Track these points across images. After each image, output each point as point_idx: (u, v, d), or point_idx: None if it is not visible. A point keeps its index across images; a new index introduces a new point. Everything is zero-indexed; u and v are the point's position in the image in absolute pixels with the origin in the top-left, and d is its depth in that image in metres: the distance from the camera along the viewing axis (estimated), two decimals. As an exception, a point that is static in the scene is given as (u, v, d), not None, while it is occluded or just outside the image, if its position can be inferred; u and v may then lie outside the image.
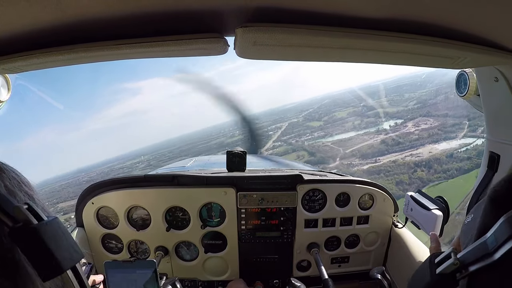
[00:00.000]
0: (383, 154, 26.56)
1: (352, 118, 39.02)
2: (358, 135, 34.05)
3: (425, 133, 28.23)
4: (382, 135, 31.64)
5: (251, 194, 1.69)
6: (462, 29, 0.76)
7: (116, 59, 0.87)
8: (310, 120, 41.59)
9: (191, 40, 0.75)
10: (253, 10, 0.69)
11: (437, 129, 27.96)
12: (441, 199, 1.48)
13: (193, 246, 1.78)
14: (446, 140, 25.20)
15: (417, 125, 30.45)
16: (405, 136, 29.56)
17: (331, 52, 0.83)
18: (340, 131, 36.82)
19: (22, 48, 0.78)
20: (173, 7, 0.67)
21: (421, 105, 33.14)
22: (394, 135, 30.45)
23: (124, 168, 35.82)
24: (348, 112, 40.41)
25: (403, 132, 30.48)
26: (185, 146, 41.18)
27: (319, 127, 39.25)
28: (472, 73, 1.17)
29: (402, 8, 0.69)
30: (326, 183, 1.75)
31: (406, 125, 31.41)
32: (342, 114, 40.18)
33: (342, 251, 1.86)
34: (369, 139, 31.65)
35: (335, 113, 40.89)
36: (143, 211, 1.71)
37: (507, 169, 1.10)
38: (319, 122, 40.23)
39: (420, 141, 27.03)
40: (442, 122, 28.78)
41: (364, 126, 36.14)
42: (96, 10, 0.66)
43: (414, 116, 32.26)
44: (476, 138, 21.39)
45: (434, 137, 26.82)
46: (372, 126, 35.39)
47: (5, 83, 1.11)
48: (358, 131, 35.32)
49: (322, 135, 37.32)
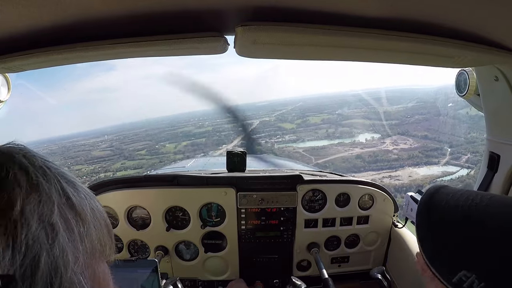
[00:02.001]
0: (359, 171, 24.64)
1: (326, 125, 37.33)
2: (331, 144, 32.17)
3: (405, 154, 26.39)
4: (358, 149, 29.57)
5: (251, 194, 1.69)
6: (462, 28, 0.76)
7: (115, 58, 0.87)
8: (282, 121, 39.95)
9: (191, 39, 0.75)
10: (253, 9, 0.69)
11: (418, 151, 26.10)
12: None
13: (193, 245, 1.78)
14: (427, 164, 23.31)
15: (395, 143, 28.62)
16: (383, 154, 27.67)
17: (331, 51, 0.83)
18: (312, 137, 35.16)
19: (22, 47, 0.78)
20: (173, 6, 0.67)
21: (399, 121, 31.62)
22: (370, 150, 28.49)
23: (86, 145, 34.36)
24: (322, 119, 38.74)
25: (381, 149, 28.55)
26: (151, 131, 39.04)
27: (291, 129, 37.57)
28: (472, 72, 1.17)
29: (402, 7, 0.69)
30: (326, 183, 1.75)
31: (383, 142, 29.58)
32: (316, 120, 38.59)
33: (342, 251, 1.86)
34: (344, 151, 29.61)
35: (309, 118, 39.26)
36: (143, 210, 1.71)
37: (507, 169, 1.09)
38: (291, 124, 38.70)
39: (400, 162, 25.06)
40: (423, 144, 27.21)
41: (338, 135, 34.30)
42: (96, 9, 0.66)
43: (392, 133, 30.57)
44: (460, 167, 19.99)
45: (415, 160, 24.90)
46: (346, 137, 33.49)
47: (5, 82, 1.11)
48: (331, 140, 33.47)
49: (294, 139, 35.50)
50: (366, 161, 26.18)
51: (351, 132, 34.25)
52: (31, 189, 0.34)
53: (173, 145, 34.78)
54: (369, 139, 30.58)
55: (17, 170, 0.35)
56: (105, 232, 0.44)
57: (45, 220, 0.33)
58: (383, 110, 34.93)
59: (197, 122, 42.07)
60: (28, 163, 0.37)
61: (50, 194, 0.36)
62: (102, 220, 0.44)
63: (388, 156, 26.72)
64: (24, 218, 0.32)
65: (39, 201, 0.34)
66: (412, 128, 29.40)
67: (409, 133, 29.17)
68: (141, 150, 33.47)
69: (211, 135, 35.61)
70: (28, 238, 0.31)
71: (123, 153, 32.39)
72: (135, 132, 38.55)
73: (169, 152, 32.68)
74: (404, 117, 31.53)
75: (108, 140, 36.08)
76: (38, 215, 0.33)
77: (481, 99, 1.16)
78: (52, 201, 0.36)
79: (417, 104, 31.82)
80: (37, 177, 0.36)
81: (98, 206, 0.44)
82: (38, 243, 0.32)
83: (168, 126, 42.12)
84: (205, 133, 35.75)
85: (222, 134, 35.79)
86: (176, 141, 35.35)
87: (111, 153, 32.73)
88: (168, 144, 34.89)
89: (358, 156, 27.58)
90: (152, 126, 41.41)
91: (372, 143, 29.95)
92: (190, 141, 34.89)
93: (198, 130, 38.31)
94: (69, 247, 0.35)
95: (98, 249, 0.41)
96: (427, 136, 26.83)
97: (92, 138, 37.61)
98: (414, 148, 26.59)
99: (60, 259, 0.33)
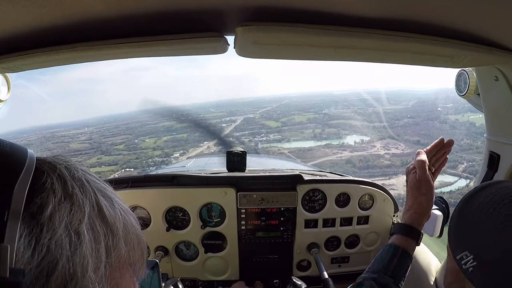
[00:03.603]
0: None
1: (312, 125, 35.68)
2: (318, 146, 30.32)
3: (398, 160, 24.48)
4: (347, 152, 27.80)
5: (251, 194, 1.69)
6: (462, 28, 0.76)
7: (115, 58, 0.87)
8: (267, 118, 38.42)
9: (191, 39, 0.75)
10: (253, 9, 0.69)
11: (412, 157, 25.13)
12: (441, 199, 1.47)
13: (193, 246, 1.78)
14: None
15: (386, 147, 26.67)
16: (374, 158, 25.66)
17: (331, 51, 0.83)
18: (298, 137, 33.58)
19: (22, 47, 0.78)
20: (173, 6, 0.67)
21: (388, 124, 30.02)
22: (360, 154, 26.66)
23: (65, 137, 33.33)
24: (308, 118, 37.14)
25: (372, 154, 26.57)
26: (133, 124, 37.37)
27: (276, 128, 36.05)
28: (472, 72, 1.17)
29: (402, 7, 0.69)
30: (326, 183, 1.75)
31: (374, 145, 27.66)
32: (302, 119, 37.10)
33: (342, 251, 1.86)
34: (332, 154, 27.66)
35: (294, 116, 37.88)
36: (143, 211, 1.71)
37: (507, 169, 1.10)
38: (276, 122, 37.14)
39: (393, 169, 23.18)
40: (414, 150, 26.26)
41: (326, 136, 32.64)
42: (96, 9, 0.66)
43: (382, 136, 28.68)
44: (458, 177, 18.67)
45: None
46: (334, 138, 31.81)
47: (5, 82, 1.11)
48: (318, 141, 31.72)
49: (279, 139, 33.86)
50: (357, 167, 24.96)
51: (339, 133, 33.01)
52: (64, 198, 0.37)
53: (153, 140, 33.70)
54: (358, 142, 29.28)
55: (55, 179, 0.37)
56: (137, 249, 0.45)
57: (72, 228, 0.35)
58: (372, 111, 33.76)
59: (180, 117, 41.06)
60: (68, 174, 0.39)
61: (82, 205, 0.38)
62: (135, 237, 0.45)
63: (380, 161, 25.35)
64: (51, 223, 0.34)
65: (70, 210, 0.36)
66: (403, 132, 28.21)
67: (400, 137, 27.88)
68: (119, 144, 32.23)
69: (193, 130, 33.23)
70: (51, 242, 0.33)
71: (100, 147, 31.21)
72: (116, 125, 37.07)
73: (147, 148, 31.64)
74: (393, 119, 30.35)
75: (88, 132, 34.96)
76: (66, 223, 0.35)
77: (481, 99, 1.16)
78: (83, 211, 0.37)
79: (406, 108, 30.80)
80: (73, 188, 0.38)
81: (133, 223, 0.46)
82: (60, 248, 0.33)
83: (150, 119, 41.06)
84: (187, 128, 33.58)
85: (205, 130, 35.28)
86: (157, 136, 34.30)
87: (89, 146, 31.60)
88: (148, 139, 33.83)
89: (348, 160, 26.36)
90: (134, 119, 39.50)
91: (362, 146, 28.51)
92: (171, 137, 33.51)
93: (180, 125, 35.92)
94: (92, 257, 0.36)
95: (126, 261, 0.43)
96: (419, 142, 25.37)
97: (73, 129, 36.40)
98: (406, 154, 25.20)
99: (79, 266, 0.34)
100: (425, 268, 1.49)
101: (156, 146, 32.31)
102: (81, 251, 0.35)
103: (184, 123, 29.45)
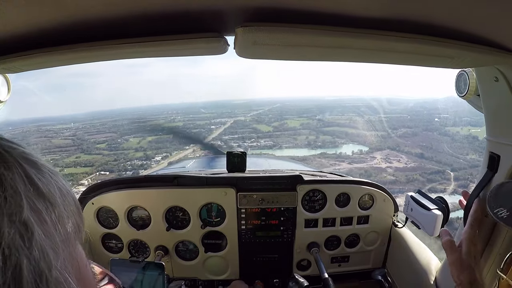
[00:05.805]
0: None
1: (306, 131, 34.12)
2: (313, 155, 28.15)
3: (402, 175, 22.38)
4: (345, 163, 25.71)
5: (251, 194, 1.69)
6: (462, 29, 0.76)
7: (116, 58, 0.87)
8: (258, 122, 37.04)
9: (191, 40, 0.75)
10: (253, 10, 0.69)
11: (419, 174, 21.95)
12: (441, 199, 1.48)
13: (193, 245, 1.79)
14: (431, 192, 18.96)
15: (388, 160, 24.76)
16: (377, 172, 23.59)
17: (331, 52, 0.83)
18: (291, 144, 31.89)
19: (22, 47, 0.78)
20: (173, 6, 0.67)
21: (386, 133, 28.66)
22: (360, 167, 24.43)
23: (50, 131, 32.51)
24: (301, 123, 35.91)
25: (373, 167, 24.65)
26: (121, 121, 36.39)
27: (267, 133, 34.28)
28: (472, 73, 1.16)
29: (402, 8, 0.69)
30: (326, 184, 1.75)
31: (373, 156, 25.90)
32: (295, 124, 35.80)
33: (342, 250, 1.86)
34: (329, 165, 25.45)
35: (287, 121, 36.51)
36: (143, 211, 1.72)
37: (507, 169, 1.09)
38: (268, 127, 35.62)
39: (399, 186, 20.87)
40: (419, 164, 23.15)
41: (320, 144, 31.04)
42: (96, 9, 0.66)
43: (381, 146, 26.92)
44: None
45: (416, 184, 21.04)
46: (330, 147, 29.97)
47: (5, 82, 1.11)
48: (313, 149, 29.87)
49: (270, 145, 31.85)
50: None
51: (334, 141, 31.51)
52: None
53: (137, 139, 32.91)
54: (357, 152, 27.46)
55: None
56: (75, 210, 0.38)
57: (15, 219, 0.28)
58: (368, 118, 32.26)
59: (168, 116, 39.36)
60: None
61: (14, 185, 0.30)
62: (71, 198, 0.38)
63: (383, 176, 23.57)
64: None
65: (4, 197, 0.28)
66: (402, 143, 26.60)
67: (400, 149, 26.21)
68: (101, 143, 31.35)
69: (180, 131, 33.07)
70: (4, 248, 0.26)
71: (82, 145, 30.50)
72: (103, 122, 36.20)
73: (129, 148, 30.68)
74: (391, 128, 29.11)
75: (74, 128, 34.22)
76: (8, 215, 0.28)
77: (481, 100, 1.15)
78: (18, 193, 0.30)
79: (403, 116, 29.69)
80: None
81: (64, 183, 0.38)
82: (15, 250, 0.27)
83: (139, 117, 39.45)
84: (174, 128, 33.11)
85: (192, 131, 32.99)
86: (142, 136, 33.44)
87: (71, 143, 30.97)
88: (132, 139, 32.96)
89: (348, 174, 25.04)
90: (123, 116, 38.67)
91: (360, 157, 26.78)
92: (156, 137, 32.71)
93: (169, 125, 35.54)
94: (48, 244, 0.30)
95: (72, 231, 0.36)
96: (422, 155, 23.95)
97: (60, 124, 35.61)
98: (410, 168, 23.43)
99: (42, 261, 0.29)
100: (425, 268, 1.50)
101: (139, 146, 31.42)
102: (37, 243, 0.29)
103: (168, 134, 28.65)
